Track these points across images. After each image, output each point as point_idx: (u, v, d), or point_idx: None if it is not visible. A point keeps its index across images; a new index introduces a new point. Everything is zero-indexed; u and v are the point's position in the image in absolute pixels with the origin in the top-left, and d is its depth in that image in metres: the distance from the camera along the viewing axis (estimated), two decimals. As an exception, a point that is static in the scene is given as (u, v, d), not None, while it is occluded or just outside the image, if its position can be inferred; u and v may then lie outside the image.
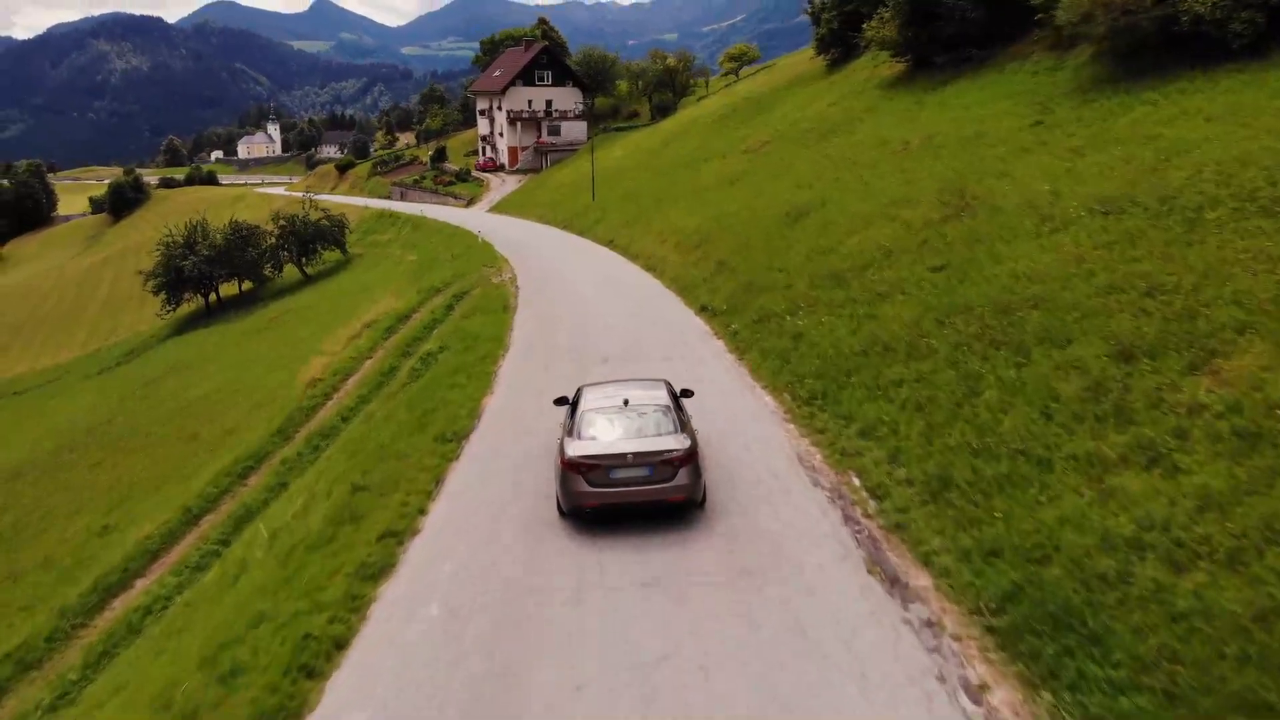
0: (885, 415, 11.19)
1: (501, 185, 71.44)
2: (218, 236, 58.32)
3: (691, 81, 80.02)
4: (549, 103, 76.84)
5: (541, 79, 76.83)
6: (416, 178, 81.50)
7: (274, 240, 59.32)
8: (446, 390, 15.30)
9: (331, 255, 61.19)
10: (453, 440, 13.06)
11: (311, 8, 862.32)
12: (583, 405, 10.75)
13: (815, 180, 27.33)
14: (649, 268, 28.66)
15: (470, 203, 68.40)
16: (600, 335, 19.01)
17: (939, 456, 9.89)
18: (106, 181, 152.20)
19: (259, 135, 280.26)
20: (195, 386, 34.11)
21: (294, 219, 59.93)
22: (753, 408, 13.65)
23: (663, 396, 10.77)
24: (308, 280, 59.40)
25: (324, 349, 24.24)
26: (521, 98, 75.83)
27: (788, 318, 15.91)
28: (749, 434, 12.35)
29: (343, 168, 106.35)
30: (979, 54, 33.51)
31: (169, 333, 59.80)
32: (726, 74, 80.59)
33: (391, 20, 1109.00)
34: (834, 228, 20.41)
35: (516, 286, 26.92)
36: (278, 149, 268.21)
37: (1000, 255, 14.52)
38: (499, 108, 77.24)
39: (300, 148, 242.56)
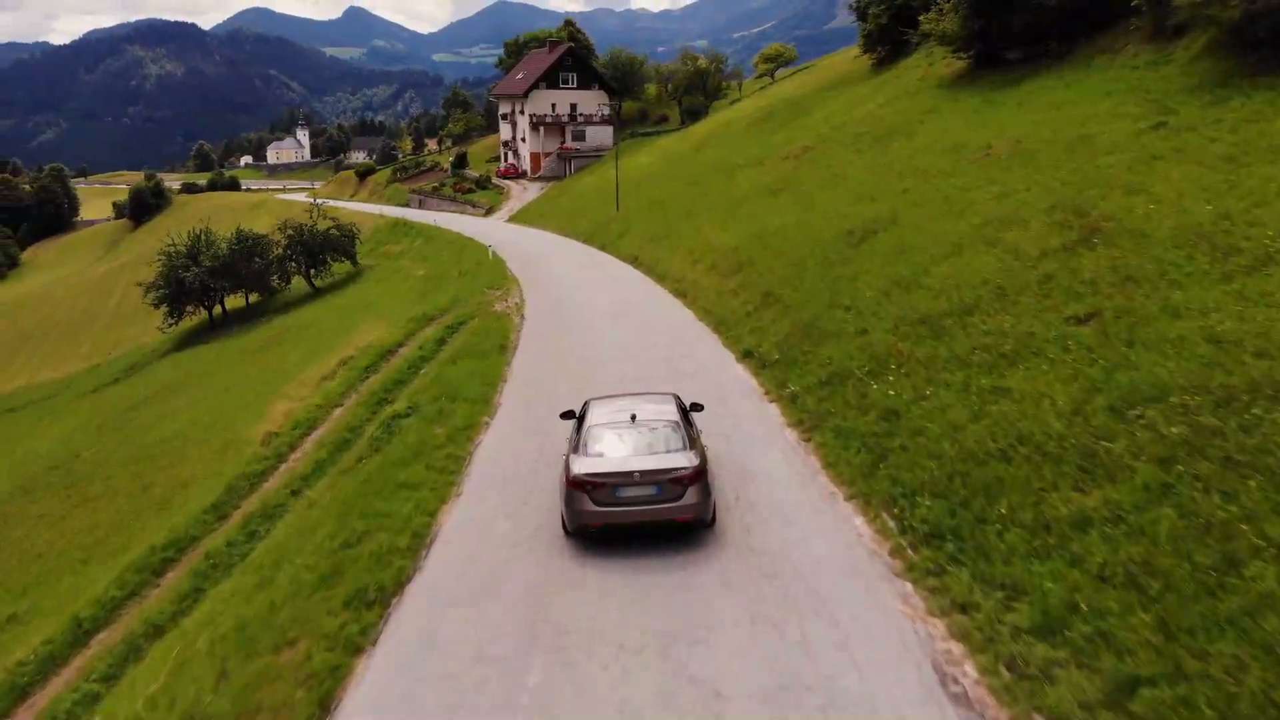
0: (1078, 593, 6.70)
1: (523, 193, 67.87)
2: (222, 246, 55.17)
3: (724, 84, 76.05)
4: (573, 106, 73.20)
5: (566, 81, 73.21)
6: (435, 185, 78.26)
7: (281, 251, 56.13)
8: (392, 494, 10.77)
9: (342, 267, 58.00)
10: (373, 605, 8.44)
11: (345, 14, 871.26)
12: (589, 420, 10.37)
13: (879, 191, 23.18)
14: (679, 293, 24.64)
15: (489, 211, 64.86)
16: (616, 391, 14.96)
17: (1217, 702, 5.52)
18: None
19: (288, 141, 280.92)
20: (170, 420, 30.66)
21: (301, 228, 56.80)
22: (837, 540, 9.17)
23: (672, 411, 10.39)
24: (316, 293, 56.30)
25: (290, 392, 20.47)
26: (545, 101, 72.27)
27: (872, 383, 11.71)
28: (835, 594, 7.98)
29: (363, 174, 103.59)
30: (1057, 47, 29.33)
31: (170, 347, 56.92)
32: (761, 76, 76.53)
33: (423, 28, 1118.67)
34: (915, 253, 16.25)
35: (522, 316, 23.07)
36: (306, 154, 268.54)
37: (1176, 305, 10.33)
38: (521, 111, 73.71)
39: (329, 153, 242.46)
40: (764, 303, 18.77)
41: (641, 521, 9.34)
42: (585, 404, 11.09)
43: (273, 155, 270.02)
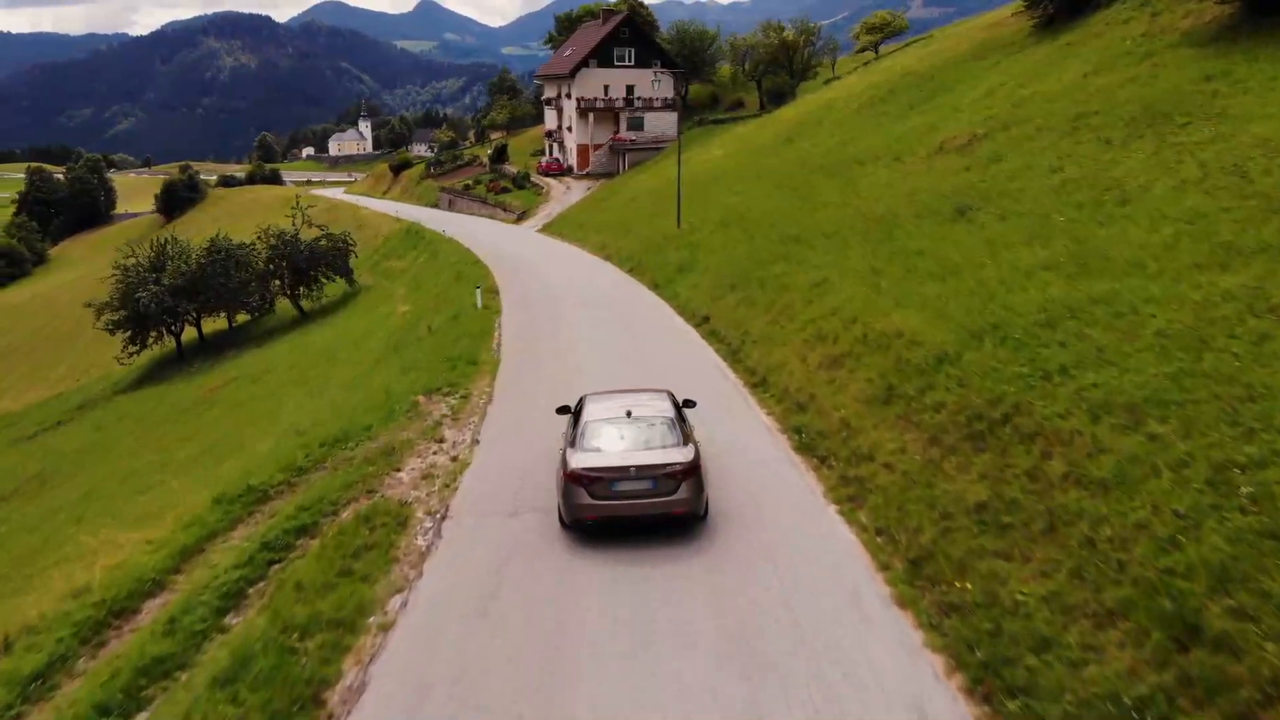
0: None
1: (564, 193, 55.25)
2: (193, 258, 43.93)
3: (815, 61, 62.11)
4: (630, 89, 60.27)
5: (621, 59, 60.27)
6: (467, 183, 66.32)
7: (262, 265, 44.66)
8: None
9: (336, 288, 46.43)
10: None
11: (417, 8, 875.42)
12: (585, 416, 10.39)
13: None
14: (804, 444, 11.65)
15: (521, 217, 52.43)
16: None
17: None
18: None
19: (350, 133, 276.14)
20: (22, 534, 19.79)
21: (282, 237, 45.31)
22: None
23: (666, 408, 10.49)
24: (304, 318, 44.93)
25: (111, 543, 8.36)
26: (595, 82, 59.45)
27: None
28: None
29: (396, 168, 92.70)
30: None
31: (130, 381, 46.45)
32: (862, 50, 62.31)
33: (494, 21, 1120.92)
34: None
35: (461, 497, 10.49)
36: (369, 146, 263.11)
37: None
38: (567, 95, 61.11)
39: (391, 145, 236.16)
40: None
41: (636, 515, 9.41)
42: (581, 400, 11.10)
43: (334, 147, 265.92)
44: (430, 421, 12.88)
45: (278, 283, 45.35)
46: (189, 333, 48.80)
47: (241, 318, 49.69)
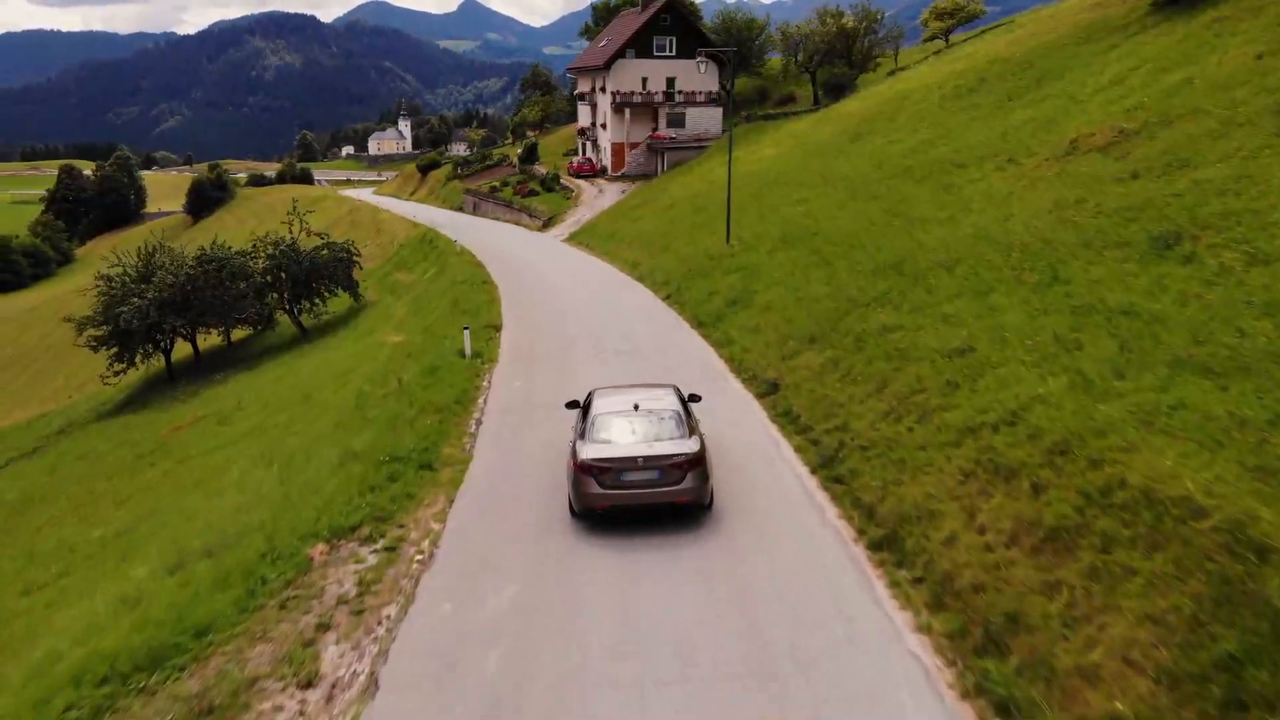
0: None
1: (596, 197, 49.77)
2: (184, 268, 39.44)
3: (878, 51, 55.80)
4: (670, 81, 54.55)
5: (661, 49, 54.60)
6: (494, 184, 61.17)
7: (259, 277, 40.02)
8: None
9: (340, 303, 41.74)
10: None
11: (460, 8, 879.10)
12: (595, 409, 10.61)
13: None
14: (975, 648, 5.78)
15: (547, 223, 47.06)
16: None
17: None
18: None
19: (390, 131, 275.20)
20: None
21: (280, 245, 40.64)
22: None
23: (673, 401, 10.70)
24: (304, 336, 40.31)
25: None
26: (633, 74, 53.83)
27: None
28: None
29: (424, 168, 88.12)
30: None
31: (118, 403, 42.57)
32: (931, 38, 55.88)
33: (536, 21, 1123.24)
34: None
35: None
36: (408, 146, 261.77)
37: None
38: (602, 89, 55.61)
39: (430, 144, 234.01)
40: None
41: (644, 504, 9.65)
42: (590, 394, 11.27)
43: (374, 146, 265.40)
44: (307, 623, 7.36)
45: (275, 296, 40.62)
46: (184, 348, 44.43)
47: (239, 334, 45.25)
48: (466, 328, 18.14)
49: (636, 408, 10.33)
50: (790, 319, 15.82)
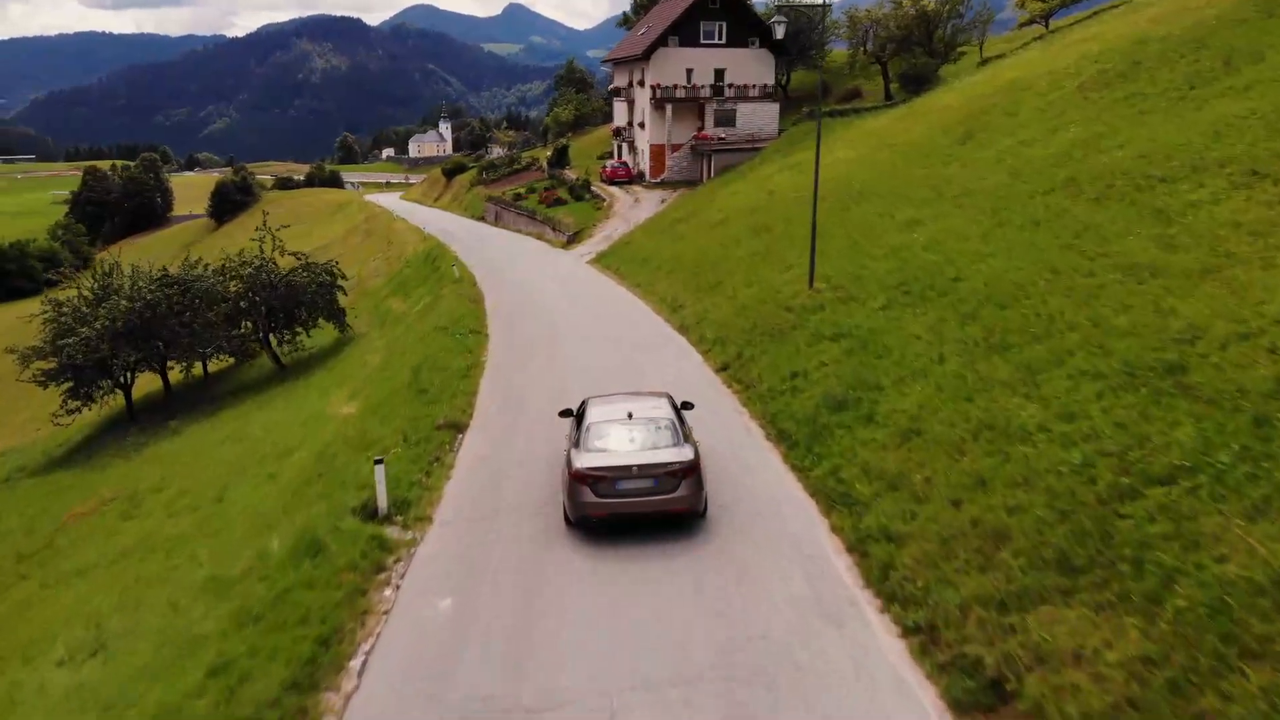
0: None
1: (631, 207, 42.56)
2: (145, 291, 33.26)
3: (962, 39, 47.78)
4: (719, 74, 47.20)
5: (709, 35, 47.25)
6: (518, 191, 54.30)
7: (228, 304, 33.66)
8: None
9: (325, 334, 35.37)
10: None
11: (505, 12, 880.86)
12: (589, 418, 10.58)
13: None
14: None
15: (573, 239, 39.97)
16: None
17: None
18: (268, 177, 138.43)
19: (430, 134, 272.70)
20: None
21: (251, 265, 34.35)
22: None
23: (666, 409, 10.68)
24: (282, 372, 33.87)
25: None
26: (676, 65, 46.55)
27: None
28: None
29: (450, 172, 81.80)
30: None
31: (73, 446, 36.87)
32: (1028, 23, 47.72)
33: (580, 24, 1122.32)
34: None
35: None
36: (448, 148, 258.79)
37: None
38: (641, 83, 48.46)
39: (470, 147, 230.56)
40: None
41: (639, 512, 9.66)
42: (584, 402, 11.23)
43: (414, 149, 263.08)
44: None
45: (249, 324, 34.22)
46: (152, 382, 38.25)
47: (218, 364, 39.01)
48: (380, 460, 10.67)
49: (631, 416, 10.35)
50: (978, 475, 8.34)
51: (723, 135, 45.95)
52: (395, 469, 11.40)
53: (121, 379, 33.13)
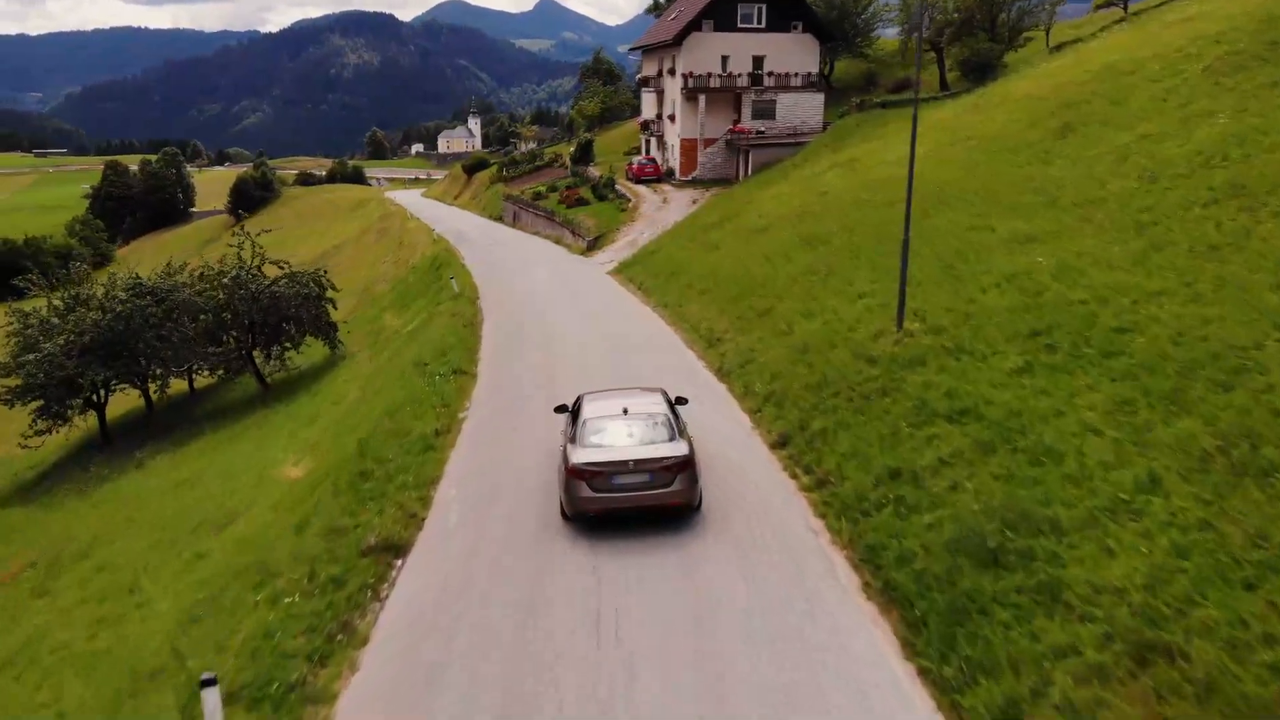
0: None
1: (659, 210, 38.48)
2: (116, 302, 30.10)
3: (1029, 23, 43.04)
4: (758, 61, 42.97)
5: (747, 19, 43.00)
6: (539, 189, 50.43)
7: (209, 317, 30.29)
8: None
9: (315, 352, 31.98)
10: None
11: (536, 7, 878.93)
12: (584, 414, 10.57)
13: None
14: None
15: (594, 244, 36.01)
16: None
17: None
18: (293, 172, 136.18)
19: (459, 130, 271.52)
20: None
21: (231, 274, 30.90)
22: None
23: (661, 404, 10.69)
24: (266, 392, 30.47)
25: None
26: (710, 51, 42.39)
27: None
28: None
29: (470, 169, 78.23)
30: None
31: (44, 470, 33.61)
32: (1105, 5, 42.91)
33: (611, 20, 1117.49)
34: None
35: None
36: (477, 144, 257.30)
37: None
38: (671, 70, 44.36)
39: (499, 142, 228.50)
40: None
41: (635, 507, 9.65)
42: (579, 398, 11.23)
43: (443, 144, 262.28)
44: None
45: (231, 339, 30.87)
46: (130, 400, 35.35)
47: (205, 379, 35.84)
48: (209, 683, 6.41)
49: (626, 412, 10.36)
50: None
51: (761, 129, 41.65)
52: (265, 658, 7.23)
53: (93, 397, 29.97)
